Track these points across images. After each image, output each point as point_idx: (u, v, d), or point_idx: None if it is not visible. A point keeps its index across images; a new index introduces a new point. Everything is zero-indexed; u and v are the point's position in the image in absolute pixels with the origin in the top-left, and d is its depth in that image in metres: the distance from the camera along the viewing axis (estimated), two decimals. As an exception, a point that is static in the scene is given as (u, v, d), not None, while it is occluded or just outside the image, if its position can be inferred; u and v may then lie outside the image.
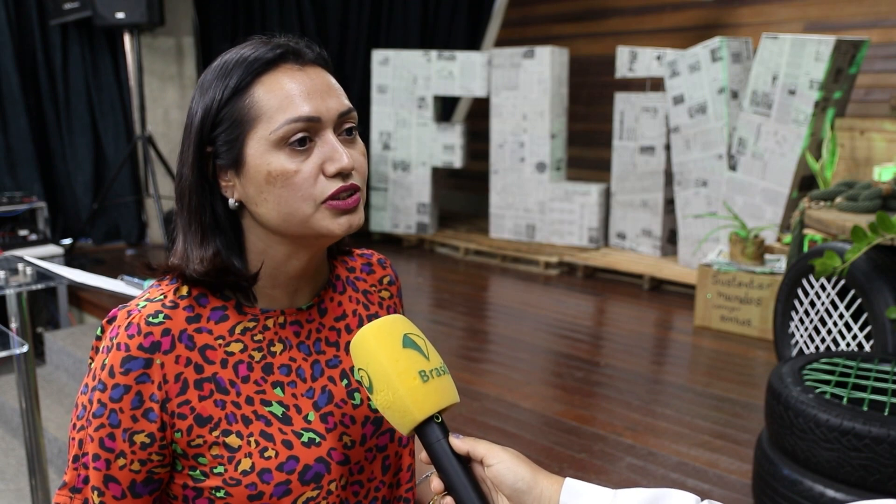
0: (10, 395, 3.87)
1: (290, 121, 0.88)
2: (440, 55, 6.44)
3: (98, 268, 5.42)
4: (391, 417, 0.88)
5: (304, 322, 1.00)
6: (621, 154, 5.84)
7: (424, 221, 6.69)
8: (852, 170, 4.63)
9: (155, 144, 5.74)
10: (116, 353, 0.89)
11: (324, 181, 0.90)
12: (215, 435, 0.91)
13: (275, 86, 0.89)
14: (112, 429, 0.89)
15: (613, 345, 4.34)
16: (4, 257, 2.30)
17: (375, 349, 0.87)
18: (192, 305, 0.94)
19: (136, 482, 0.90)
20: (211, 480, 0.91)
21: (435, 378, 0.87)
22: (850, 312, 3.09)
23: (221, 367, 0.93)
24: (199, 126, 0.91)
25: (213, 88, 0.91)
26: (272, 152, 0.89)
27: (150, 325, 0.90)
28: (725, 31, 6.09)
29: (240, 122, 0.89)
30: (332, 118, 0.91)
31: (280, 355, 0.97)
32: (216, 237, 0.94)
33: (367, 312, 1.07)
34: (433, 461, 0.87)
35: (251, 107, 0.89)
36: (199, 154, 0.92)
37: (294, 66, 0.91)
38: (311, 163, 0.89)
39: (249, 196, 0.91)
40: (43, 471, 2.26)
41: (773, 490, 2.26)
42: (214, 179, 0.93)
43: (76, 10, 5.51)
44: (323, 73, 0.93)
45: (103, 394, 0.89)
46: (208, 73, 0.93)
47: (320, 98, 0.90)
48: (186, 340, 0.92)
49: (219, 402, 0.92)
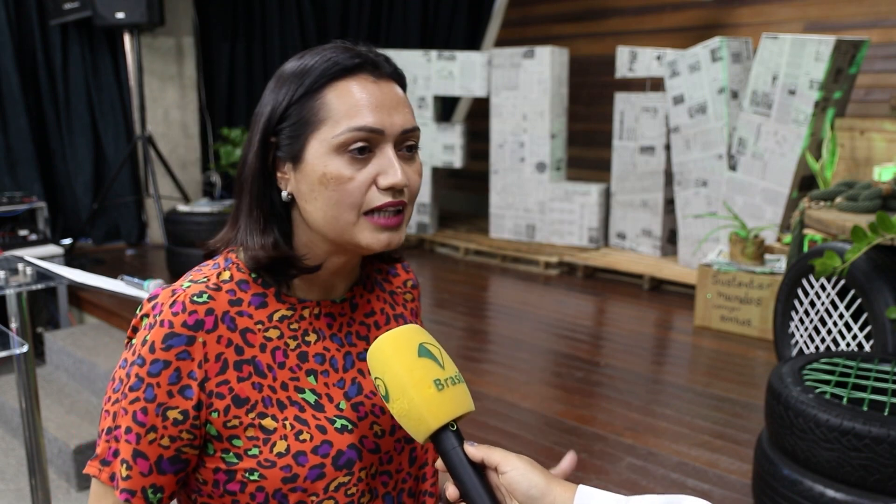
0: (10, 395, 3.87)
1: (354, 129, 0.91)
2: (440, 55, 6.44)
3: (98, 268, 5.42)
4: (407, 425, 0.89)
5: (337, 315, 1.03)
6: (621, 154, 5.84)
7: (424, 221, 6.69)
8: (852, 170, 4.63)
9: (155, 144, 5.75)
10: (160, 330, 0.91)
11: (374, 193, 0.92)
12: (251, 417, 0.92)
13: (346, 92, 0.92)
14: (146, 403, 0.90)
15: (613, 345, 4.34)
16: (4, 257, 2.30)
17: (392, 358, 0.89)
18: (234, 290, 0.96)
19: (164, 458, 0.91)
20: (245, 462, 0.92)
21: (450, 387, 0.89)
22: (850, 312, 3.08)
23: (260, 351, 0.95)
24: (268, 116, 0.94)
25: (288, 84, 0.94)
26: (331, 155, 0.91)
27: (195, 303, 0.92)
28: (725, 31, 6.09)
29: (306, 121, 0.92)
30: (394, 133, 0.93)
31: (314, 344, 0.99)
32: (275, 225, 0.97)
33: (394, 312, 1.11)
34: (448, 469, 0.88)
35: (320, 108, 0.92)
36: (264, 143, 0.95)
37: (369, 78, 0.94)
38: (366, 172, 0.92)
39: (301, 192, 0.94)
40: (43, 471, 2.26)
41: (773, 490, 2.26)
42: (273, 169, 0.96)
43: (76, 10, 5.51)
44: (395, 89, 0.96)
45: (141, 368, 0.90)
46: (286, 70, 0.96)
47: (387, 112, 0.93)
48: (229, 322, 0.94)
49: (256, 384, 0.93)
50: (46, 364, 4.40)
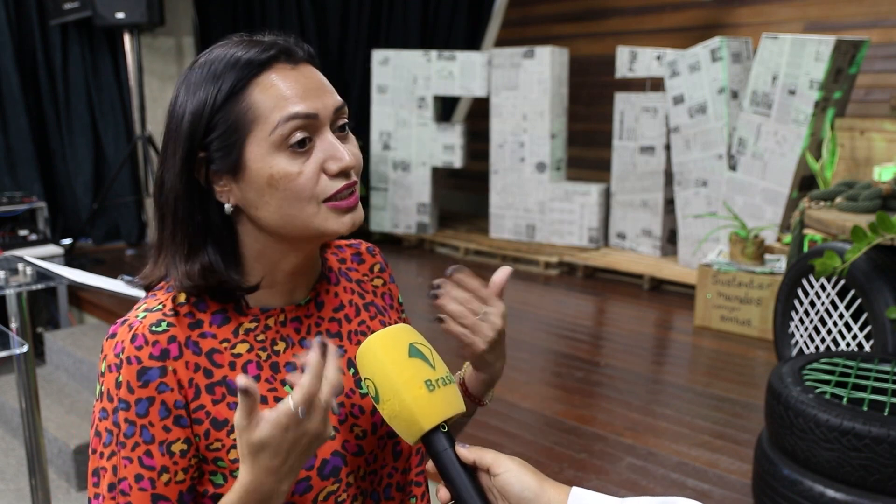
0: (10, 395, 3.87)
1: (288, 117, 0.87)
2: (440, 55, 6.44)
3: (98, 268, 5.41)
4: (397, 427, 0.88)
5: (304, 318, 0.99)
6: (621, 154, 5.84)
7: (424, 221, 6.69)
8: (852, 170, 4.63)
9: (155, 144, 5.74)
10: (129, 368, 0.88)
11: (326, 180, 0.90)
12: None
13: (269, 86, 0.88)
14: (147, 445, 0.87)
15: (613, 345, 4.34)
16: (4, 257, 2.30)
17: (381, 359, 0.88)
18: (191, 312, 0.93)
19: (183, 493, 0.89)
20: (231, 482, 0.90)
21: (441, 387, 0.88)
22: (850, 312, 3.08)
23: (230, 370, 0.92)
24: (188, 131, 0.89)
25: (202, 90, 0.89)
26: (272, 155, 0.88)
27: (155, 333, 0.89)
28: (725, 31, 6.09)
29: (236, 127, 0.88)
30: (328, 115, 0.90)
31: (284, 353, 0.96)
32: (208, 247, 0.92)
33: (364, 301, 1.08)
34: (440, 470, 0.87)
35: (247, 110, 0.88)
36: (189, 160, 0.90)
37: (286, 66, 0.90)
38: (312, 163, 0.89)
39: (249, 200, 0.90)
40: (43, 471, 2.26)
41: (773, 490, 2.26)
42: (208, 185, 0.91)
43: (76, 10, 5.51)
44: (314, 71, 0.93)
45: (128, 412, 0.87)
46: (194, 73, 0.91)
47: (315, 95, 0.90)
48: (193, 346, 0.91)
49: (232, 404, 0.91)
50: (46, 364, 4.40)
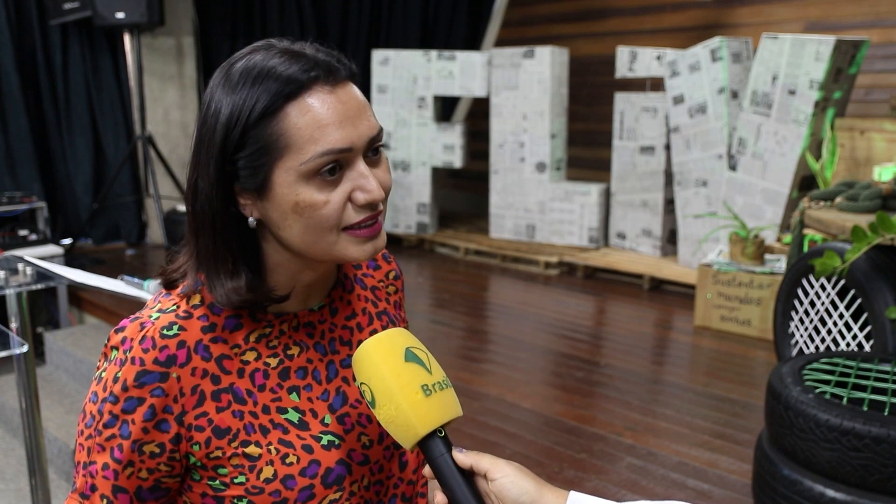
0: (10, 395, 3.87)
1: (322, 154, 0.85)
2: (440, 55, 6.44)
3: (98, 268, 5.41)
4: (394, 432, 0.87)
5: (317, 323, 0.99)
6: (621, 154, 5.84)
7: (424, 221, 6.69)
8: (852, 170, 4.63)
9: (155, 144, 5.75)
10: (131, 367, 0.88)
11: (351, 210, 0.88)
12: (234, 446, 0.90)
13: (306, 112, 0.85)
14: (122, 440, 0.88)
15: (613, 345, 4.34)
16: (4, 257, 2.30)
17: (378, 363, 0.87)
18: (206, 314, 0.92)
19: (143, 489, 0.90)
20: (232, 490, 0.90)
21: (438, 392, 0.87)
22: (850, 312, 3.08)
23: (238, 377, 0.92)
24: (221, 144, 0.87)
25: (238, 97, 0.86)
26: (301, 183, 0.85)
27: (165, 337, 0.88)
28: (725, 31, 6.09)
29: (267, 149, 0.85)
30: (363, 146, 0.88)
31: (297, 357, 0.96)
32: (244, 263, 0.91)
33: (377, 309, 1.07)
34: (437, 476, 0.87)
35: (280, 134, 0.85)
36: (221, 171, 0.88)
37: (325, 88, 0.86)
38: (339, 193, 0.87)
39: (272, 219, 0.89)
40: (43, 471, 2.26)
41: (773, 490, 2.26)
42: (232, 197, 0.89)
43: (76, 10, 5.51)
44: (353, 91, 0.89)
45: (115, 406, 0.88)
46: (232, 75, 0.87)
47: (352, 125, 0.86)
48: (202, 351, 0.90)
49: (237, 412, 0.91)
50: (46, 364, 4.40)
